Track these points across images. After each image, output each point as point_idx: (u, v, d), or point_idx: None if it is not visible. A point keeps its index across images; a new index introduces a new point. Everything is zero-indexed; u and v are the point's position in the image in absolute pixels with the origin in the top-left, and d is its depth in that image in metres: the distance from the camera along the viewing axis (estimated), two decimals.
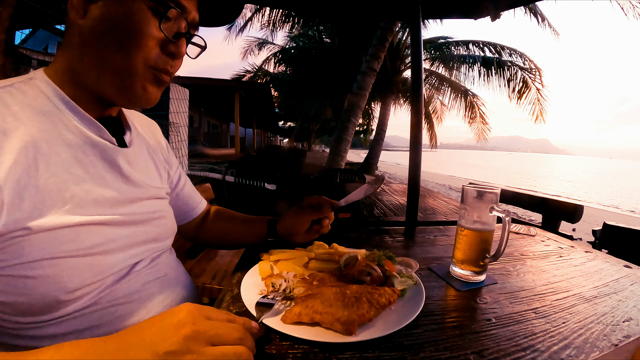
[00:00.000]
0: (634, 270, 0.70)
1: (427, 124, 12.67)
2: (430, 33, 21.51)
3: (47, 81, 0.45)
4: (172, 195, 0.70)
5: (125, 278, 0.50)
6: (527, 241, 0.89)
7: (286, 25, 9.93)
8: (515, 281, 0.63)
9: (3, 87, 0.42)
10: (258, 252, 0.67)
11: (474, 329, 0.46)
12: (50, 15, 5.97)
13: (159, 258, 0.59)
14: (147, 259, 0.56)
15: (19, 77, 0.45)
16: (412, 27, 1.07)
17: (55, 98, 0.45)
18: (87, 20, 0.44)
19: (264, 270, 0.59)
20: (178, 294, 0.59)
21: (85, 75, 0.46)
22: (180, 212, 0.75)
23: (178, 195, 0.73)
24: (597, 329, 0.47)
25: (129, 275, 0.51)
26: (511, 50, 9.72)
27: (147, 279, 0.54)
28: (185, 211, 0.75)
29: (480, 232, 0.61)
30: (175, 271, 0.63)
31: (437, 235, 0.92)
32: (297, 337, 0.42)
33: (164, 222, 0.60)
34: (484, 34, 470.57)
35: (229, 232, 0.79)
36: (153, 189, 0.59)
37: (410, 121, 1.05)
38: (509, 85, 9.52)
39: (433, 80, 11.58)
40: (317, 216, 0.72)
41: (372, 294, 0.48)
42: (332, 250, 0.67)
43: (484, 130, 11.15)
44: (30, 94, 0.43)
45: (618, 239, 1.51)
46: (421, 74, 1.04)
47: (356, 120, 6.24)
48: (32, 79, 0.45)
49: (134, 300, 0.51)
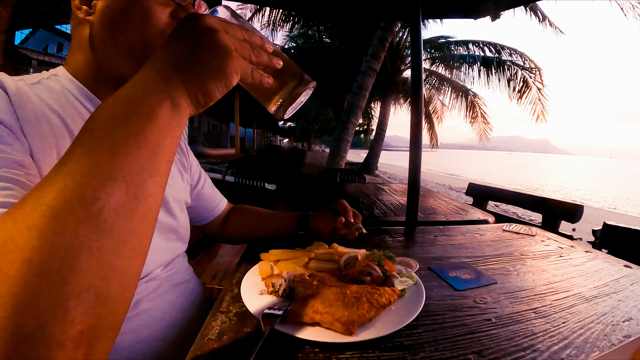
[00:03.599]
0: (634, 270, 0.70)
1: (428, 124, 12.68)
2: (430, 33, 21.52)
3: (70, 78, 0.48)
4: (192, 195, 0.72)
5: (142, 280, 0.51)
6: (527, 241, 0.89)
7: (286, 25, 9.94)
8: (515, 281, 0.63)
9: (32, 83, 0.44)
10: (286, 244, 0.69)
11: (474, 329, 0.46)
12: (50, 15, 5.97)
13: (173, 262, 0.60)
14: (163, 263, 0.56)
15: (43, 74, 0.47)
16: (412, 27, 1.07)
17: (79, 94, 0.47)
18: (96, 15, 0.45)
19: (264, 270, 0.59)
20: (187, 298, 0.60)
21: (106, 65, 0.47)
22: (202, 211, 0.76)
23: (198, 195, 0.74)
24: (597, 329, 0.47)
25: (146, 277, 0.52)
26: (511, 49, 9.73)
27: (161, 281, 0.55)
28: (207, 210, 0.78)
29: None
30: (186, 275, 0.63)
31: (437, 235, 0.92)
32: (297, 337, 0.42)
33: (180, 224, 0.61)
34: (484, 34, 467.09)
35: (258, 227, 0.81)
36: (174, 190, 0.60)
37: (410, 121, 1.05)
38: (509, 85, 9.53)
39: (433, 80, 11.59)
40: (333, 224, 0.74)
41: (372, 294, 0.48)
42: (332, 250, 0.67)
43: (485, 130, 11.15)
44: (56, 89, 0.46)
45: (618, 239, 1.51)
46: (421, 74, 1.04)
47: (356, 120, 6.24)
48: (55, 75, 0.48)
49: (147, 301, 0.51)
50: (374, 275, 0.56)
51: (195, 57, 0.29)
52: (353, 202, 0.74)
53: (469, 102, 11.10)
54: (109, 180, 0.23)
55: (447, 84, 11.32)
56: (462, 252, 0.78)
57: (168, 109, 0.27)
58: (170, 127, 0.28)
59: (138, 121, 0.26)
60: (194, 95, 0.29)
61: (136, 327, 0.49)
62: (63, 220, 0.22)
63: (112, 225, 0.23)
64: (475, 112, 11.10)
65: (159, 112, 0.27)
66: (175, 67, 0.29)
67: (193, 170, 0.73)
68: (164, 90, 0.28)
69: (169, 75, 0.28)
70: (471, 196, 2.39)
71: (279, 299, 0.51)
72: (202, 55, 0.29)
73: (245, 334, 0.43)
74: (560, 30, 9.02)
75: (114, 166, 0.24)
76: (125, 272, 0.24)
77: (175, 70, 0.28)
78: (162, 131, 0.27)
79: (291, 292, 0.51)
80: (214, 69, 0.29)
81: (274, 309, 0.46)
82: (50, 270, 0.21)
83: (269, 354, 0.40)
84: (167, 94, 0.28)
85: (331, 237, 0.75)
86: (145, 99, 0.27)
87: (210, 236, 0.83)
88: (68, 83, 0.47)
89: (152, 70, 0.29)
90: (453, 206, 1.41)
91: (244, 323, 0.46)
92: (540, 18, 8.55)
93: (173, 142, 0.28)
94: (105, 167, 0.23)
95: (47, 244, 0.21)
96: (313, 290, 0.50)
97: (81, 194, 0.22)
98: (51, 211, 0.22)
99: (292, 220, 0.79)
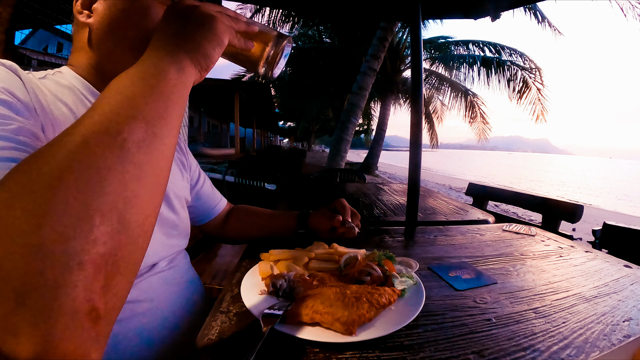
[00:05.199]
0: (634, 270, 0.70)
1: (427, 124, 12.69)
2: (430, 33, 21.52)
3: (74, 75, 0.50)
4: (192, 194, 0.72)
5: (144, 276, 0.51)
6: (527, 241, 0.89)
7: (286, 25, 9.93)
8: (515, 281, 0.63)
9: (39, 78, 0.46)
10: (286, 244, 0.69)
11: (474, 329, 0.46)
12: (50, 15, 5.97)
13: (175, 260, 0.60)
14: (165, 259, 0.57)
15: (48, 71, 0.49)
16: (412, 27, 1.07)
17: (84, 90, 0.49)
18: (94, 17, 0.48)
19: (264, 270, 0.59)
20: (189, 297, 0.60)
21: (107, 62, 0.50)
22: (202, 211, 0.77)
23: (198, 194, 0.75)
24: (597, 329, 0.47)
25: (148, 273, 0.52)
26: (511, 49, 9.73)
27: (164, 279, 0.55)
28: (207, 209, 0.78)
29: None
30: (188, 274, 0.64)
31: (437, 235, 0.92)
32: (297, 337, 0.42)
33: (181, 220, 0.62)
34: (484, 34, 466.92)
35: (257, 226, 0.82)
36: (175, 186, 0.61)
37: (410, 121, 1.05)
38: (509, 85, 9.53)
39: (433, 80, 11.59)
40: (331, 223, 0.74)
41: (372, 294, 0.48)
42: (332, 250, 0.67)
43: (484, 129, 11.15)
44: (63, 84, 0.47)
45: (618, 238, 1.51)
46: (421, 74, 1.04)
47: (356, 120, 6.24)
48: (60, 72, 0.50)
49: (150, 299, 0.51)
50: (374, 275, 0.56)
51: (188, 28, 0.34)
52: (353, 202, 0.74)
53: (469, 102, 11.11)
54: (130, 119, 0.26)
55: (446, 84, 11.32)
56: (462, 252, 0.78)
57: (175, 71, 0.32)
58: (177, 86, 0.31)
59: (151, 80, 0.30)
60: (196, 59, 0.34)
61: (138, 327, 0.49)
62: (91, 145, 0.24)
63: (135, 155, 0.26)
64: (475, 112, 11.11)
65: (168, 74, 0.31)
66: (174, 42, 0.33)
67: (192, 169, 0.74)
68: (169, 59, 0.32)
69: (170, 49, 0.33)
70: (471, 196, 2.39)
71: (279, 299, 0.51)
72: (192, 26, 0.34)
73: (245, 334, 0.43)
74: (559, 31, 9.02)
75: (134, 108, 0.27)
76: (146, 201, 0.27)
77: (174, 43, 0.33)
78: (171, 88, 0.31)
79: (291, 292, 0.51)
80: (205, 33, 0.35)
81: (274, 309, 0.46)
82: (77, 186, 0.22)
83: (269, 354, 0.40)
84: (173, 61, 0.32)
85: (330, 236, 0.75)
86: (155, 65, 0.31)
87: (210, 236, 0.84)
88: (74, 79, 0.49)
89: (155, 50, 0.33)
90: (453, 206, 1.41)
91: (244, 323, 0.46)
92: (540, 19, 8.56)
93: (181, 100, 0.32)
94: (127, 109, 0.27)
95: (76, 162, 0.23)
96: (313, 290, 0.50)
97: (107, 126, 0.25)
98: (80, 138, 0.24)
99: (292, 219, 0.79)
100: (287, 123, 35.89)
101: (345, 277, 0.57)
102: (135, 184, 0.25)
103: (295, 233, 0.78)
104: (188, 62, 0.33)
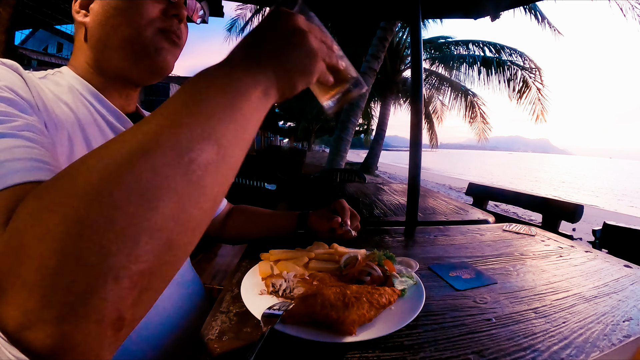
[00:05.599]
0: (634, 270, 0.70)
1: (427, 124, 12.68)
2: (430, 33, 21.52)
3: (74, 76, 0.50)
4: None
5: None
6: (527, 241, 0.89)
7: None
8: (515, 281, 0.63)
9: (39, 78, 0.46)
10: (286, 244, 0.69)
11: (474, 329, 0.46)
12: (50, 15, 5.97)
13: None
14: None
15: (48, 71, 0.50)
16: (412, 27, 1.07)
17: (83, 90, 0.50)
18: (90, 16, 0.49)
19: (264, 270, 0.59)
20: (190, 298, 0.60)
21: (103, 61, 0.51)
22: None
23: None
24: (598, 329, 0.47)
25: None
26: (511, 49, 9.72)
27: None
28: None
29: None
30: (188, 274, 0.64)
31: (437, 235, 0.92)
32: (298, 337, 0.42)
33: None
34: (484, 33, 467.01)
35: (257, 226, 0.82)
36: None
37: (410, 121, 1.05)
38: (509, 85, 9.52)
39: (433, 80, 11.58)
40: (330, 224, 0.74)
41: (372, 294, 0.48)
42: (332, 250, 0.67)
43: (484, 129, 11.15)
44: (63, 84, 0.48)
45: (618, 238, 1.51)
46: (421, 74, 1.04)
47: (356, 120, 6.24)
48: (60, 72, 0.50)
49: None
50: (374, 275, 0.56)
51: (288, 53, 0.32)
52: (353, 202, 0.74)
53: (469, 102, 11.10)
54: (204, 138, 0.24)
55: (446, 83, 11.32)
56: (462, 252, 0.78)
57: (260, 93, 0.30)
58: (258, 109, 0.30)
59: (235, 96, 0.27)
60: (282, 87, 0.32)
61: (138, 327, 0.49)
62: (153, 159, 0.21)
63: (200, 177, 0.24)
64: (475, 112, 11.11)
65: (252, 94, 0.29)
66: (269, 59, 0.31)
67: None
68: (258, 77, 0.30)
69: (263, 65, 0.30)
70: (471, 196, 2.39)
71: (279, 299, 0.51)
72: (294, 53, 0.32)
73: (245, 334, 0.43)
74: (559, 31, 9.02)
75: (211, 127, 0.25)
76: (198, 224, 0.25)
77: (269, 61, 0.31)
78: (252, 111, 0.29)
79: (291, 292, 0.51)
80: (302, 67, 0.32)
81: (274, 309, 0.46)
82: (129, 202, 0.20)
83: (269, 354, 0.40)
84: (261, 81, 0.30)
85: (329, 237, 0.75)
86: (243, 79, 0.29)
87: (210, 236, 0.83)
88: (73, 80, 0.50)
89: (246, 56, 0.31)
90: (453, 206, 1.41)
91: (244, 323, 0.46)
92: (540, 19, 8.55)
93: (257, 124, 0.30)
94: (203, 126, 0.24)
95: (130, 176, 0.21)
96: (313, 290, 0.50)
97: (176, 141, 0.23)
98: (141, 148, 0.22)
99: (292, 219, 0.79)
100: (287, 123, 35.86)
101: (345, 277, 0.57)
102: (194, 208, 0.23)
103: (295, 233, 0.78)
104: (274, 88, 0.31)
